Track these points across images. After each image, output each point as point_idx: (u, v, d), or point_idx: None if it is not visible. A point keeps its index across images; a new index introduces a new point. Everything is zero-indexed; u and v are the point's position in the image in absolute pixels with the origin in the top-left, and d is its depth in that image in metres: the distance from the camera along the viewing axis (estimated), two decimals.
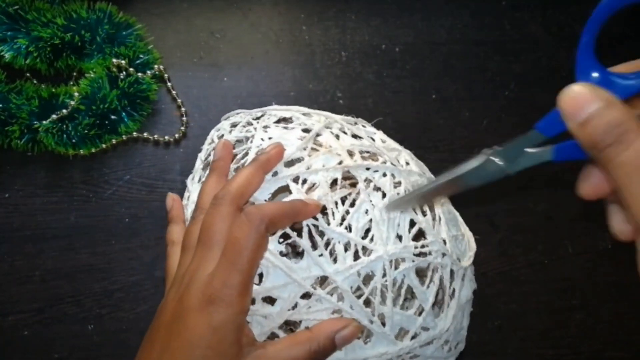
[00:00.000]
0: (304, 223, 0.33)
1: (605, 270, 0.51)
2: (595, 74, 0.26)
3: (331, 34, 0.55)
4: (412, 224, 0.35)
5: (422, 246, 0.34)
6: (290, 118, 0.40)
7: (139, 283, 0.46)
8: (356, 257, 0.33)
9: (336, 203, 0.34)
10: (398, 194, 0.35)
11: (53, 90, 0.48)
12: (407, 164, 0.38)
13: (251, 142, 0.38)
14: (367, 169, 0.35)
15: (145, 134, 0.50)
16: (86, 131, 0.47)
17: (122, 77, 0.48)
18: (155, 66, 0.50)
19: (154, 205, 0.48)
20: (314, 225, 0.33)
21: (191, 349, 0.29)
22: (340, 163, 0.35)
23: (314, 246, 0.33)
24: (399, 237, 0.34)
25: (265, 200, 0.35)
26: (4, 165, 0.48)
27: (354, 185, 0.35)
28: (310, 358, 0.31)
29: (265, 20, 0.54)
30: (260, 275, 0.33)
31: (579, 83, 0.24)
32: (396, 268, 0.33)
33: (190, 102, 0.51)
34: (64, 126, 0.46)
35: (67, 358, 0.45)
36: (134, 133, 0.49)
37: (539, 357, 0.48)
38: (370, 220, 0.33)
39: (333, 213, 0.33)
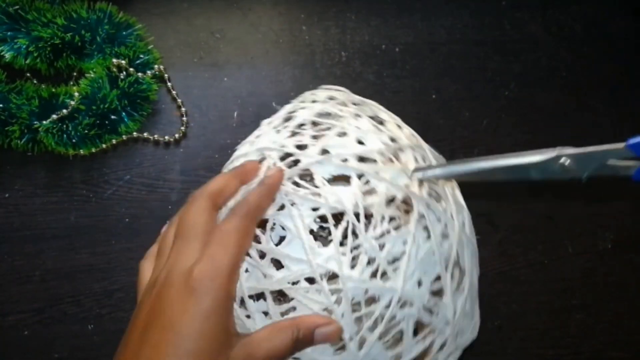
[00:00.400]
0: (346, 219, 0.33)
1: (605, 270, 0.51)
2: None
3: (331, 34, 0.55)
4: (437, 278, 0.34)
5: (435, 304, 0.34)
6: (385, 121, 0.39)
7: None
8: (373, 275, 0.33)
9: (383, 218, 0.33)
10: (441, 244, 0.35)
11: (53, 90, 0.48)
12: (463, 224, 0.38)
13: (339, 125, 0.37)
14: (428, 206, 0.35)
15: (145, 134, 0.50)
16: (86, 131, 0.47)
17: (122, 77, 0.48)
18: (156, 66, 0.50)
19: (154, 205, 0.48)
20: (353, 224, 0.33)
21: (177, 340, 0.27)
22: (407, 186, 0.34)
23: (343, 243, 0.33)
24: (419, 283, 0.33)
25: (324, 178, 0.34)
26: (4, 165, 0.48)
27: (407, 212, 0.34)
28: (293, 345, 0.30)
29: (265, 20, 0.54)
30: (282, 238, 0.33)
31: None
32: (401, 307, 0.33)
33: (190, 102, 0.51)
34: (64, 126, 0.46)
35: (67, 358, 0.45)
36: (134, 133, 0.49)
37: (539, 357, 0.48)
38: (404, 252, 0.33)
39: (375, 225, 0.33)
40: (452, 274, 0.35)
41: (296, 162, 0.35)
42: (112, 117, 0.48)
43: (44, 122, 0.46)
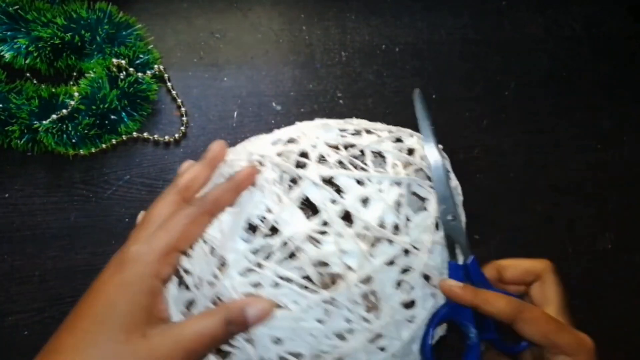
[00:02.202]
0: (344, 203, 0.34)
1: (605, 270, 0.51)
2: None
3: (331, 34, 0.55)
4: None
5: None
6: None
7: None
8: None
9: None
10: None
11: (53, 90, 0.48)
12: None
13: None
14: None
15: (145, 134, 0.50)
16: (86, 131, 0.47)
17: (122, 77, 0.48)
18: (155, 66, 0.50)
19: None
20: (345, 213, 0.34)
21: (97, 308, 0.29)
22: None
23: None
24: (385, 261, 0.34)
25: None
26: (4, 165, 0.48)
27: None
28: (224, 328, 0.30)
29: (265, 20, 0.54)
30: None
31: None
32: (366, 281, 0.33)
33: (190, 102, 0.51)
34: (64, 126, 0.46)
35: None
36: (134, 133, 0.49)
37: None
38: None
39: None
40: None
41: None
42: (112, 117, 0.48)
43: (44, 122, 0.46)
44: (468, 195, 0.41)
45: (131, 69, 0.49)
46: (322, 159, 0.36)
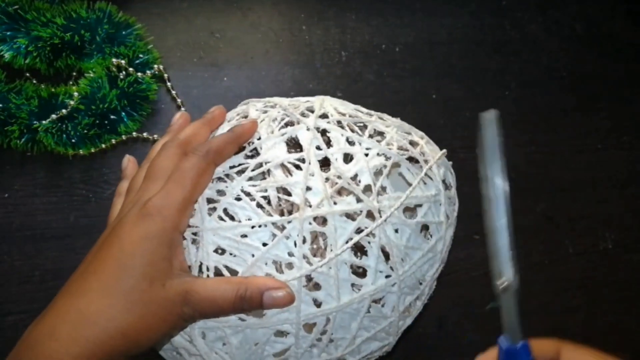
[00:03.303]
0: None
1: (605, 270, 0.51)
2: None
3: (331, 34, 0.55)
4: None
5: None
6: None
7: None
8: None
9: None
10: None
11: (53, 90, 0.48)
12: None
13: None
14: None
15: (145, 134, 0.50)
16: (86, 131, 0.47)
17: (121, 76, 0.48)
18: (155, 66, 0.50)
19: None
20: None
21: (121, 256, 0.30)
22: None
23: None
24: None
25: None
26: (3, 165, 0.48)
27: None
28: (236, 301, 0.31)
29: (265, 20, 0.54)
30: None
31: None
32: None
33: (190, 102, 0.51)
34: (64, 126, 0.46)
35: None
36: (134, 133, 0.49)
37: None
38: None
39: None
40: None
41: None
42: (112, 117, 0.48)
43: (44, 122, 0.46)
44: (468, 195, 0.41)
45: (131, 69, 0.49)
46: (324, 116, 0.37)
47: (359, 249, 0.34)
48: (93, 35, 0.48)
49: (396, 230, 0.35)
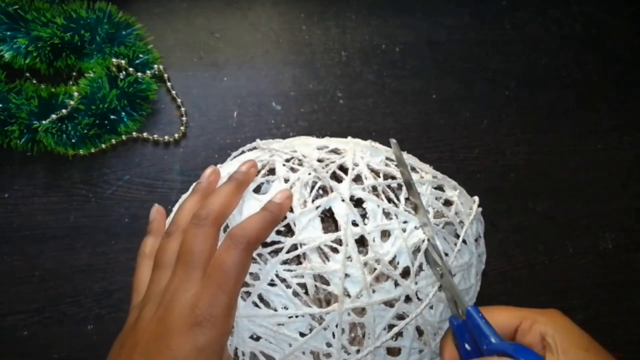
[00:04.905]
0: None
1: (605, 270, 0.51)
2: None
3: (331, 34, 0.55)
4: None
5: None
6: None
7: None
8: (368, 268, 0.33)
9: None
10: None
11: (52, 90, 0.48)
12: None
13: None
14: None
15: (144, 134, 0.50)
16: (86, 131, 0.47)
17: (121, 76, 0.48)
18: (155, 66, 0.50)
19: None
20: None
21: None
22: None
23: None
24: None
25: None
26: (3, 165, 0.48)
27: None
28: None
29: (265, 20, 0.54)
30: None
31: None
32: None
33: (190, 102, 0.51)
34: (64, 126, 0.46)
35: (67, 358, 0.45)
36: (134, 133, 0.49)
37: None
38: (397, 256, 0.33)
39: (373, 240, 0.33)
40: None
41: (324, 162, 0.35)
42: (112, 117, 0.48)
43: (44, 122, 0.46)
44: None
45: (131, 69, 0.49)
46: (358, 179, 0.35)
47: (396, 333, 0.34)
48: (93, 35, 0.48)
49: (431, 307, 0.34)
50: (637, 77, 0.57)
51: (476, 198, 0.40)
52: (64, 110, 0.46)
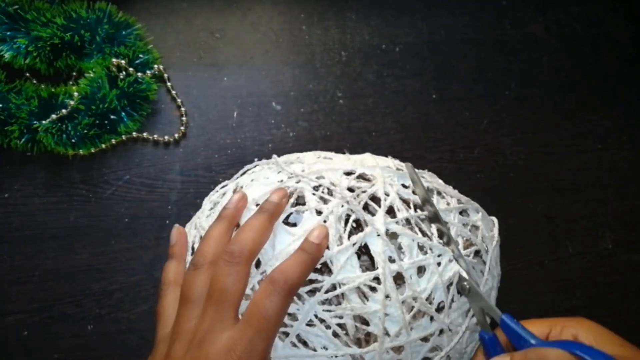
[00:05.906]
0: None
1: (605, 270, 0.51)
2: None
3: (331, 34, 0.55)
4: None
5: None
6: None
7: (138, 283, 0.46)
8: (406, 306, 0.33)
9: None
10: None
11: (52, 90, 0.48)
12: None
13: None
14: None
15: (144, 134, 0.50)
16: (85, 131, 0.47)
17: (121, 77, 0.48)
18: (155, 66, 0.50)
19: (153, 205, 0.48)
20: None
21: None
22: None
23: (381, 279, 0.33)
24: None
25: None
26: (3, 165, 0.48)
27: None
28: None
29: (265, 20, 0.54)
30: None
31: None
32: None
33: (190, 102, 0.51)
34: (64, 126, 0.46)
35: (67, 358, 0.45)
36: (134, 133, 0.49)
37: None
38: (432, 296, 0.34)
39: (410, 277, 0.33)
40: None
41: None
42: (112, 117, 0.48)
43: (44, 122, 0.46)
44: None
45: (131, 69, 0.49)
46: (390, 211, 0.35)
47: None
48: (93, 35, 0.48)
49: (461, 336, 0.35)
50: (637, 77, 0.57)
51: (495, 219, 0.41)
52: (64, 110, 0.46)
